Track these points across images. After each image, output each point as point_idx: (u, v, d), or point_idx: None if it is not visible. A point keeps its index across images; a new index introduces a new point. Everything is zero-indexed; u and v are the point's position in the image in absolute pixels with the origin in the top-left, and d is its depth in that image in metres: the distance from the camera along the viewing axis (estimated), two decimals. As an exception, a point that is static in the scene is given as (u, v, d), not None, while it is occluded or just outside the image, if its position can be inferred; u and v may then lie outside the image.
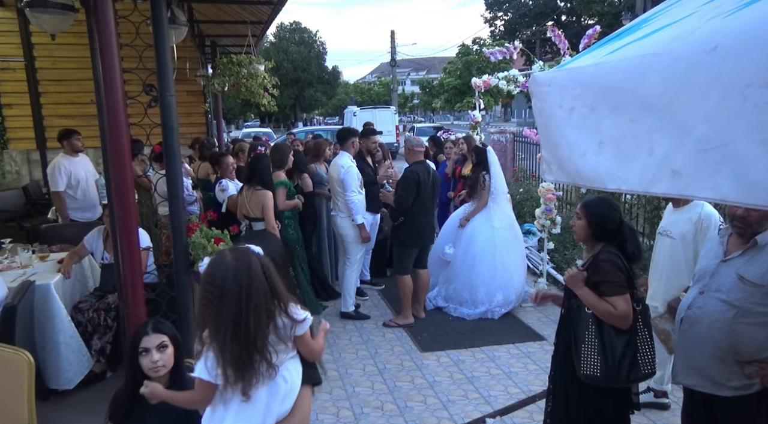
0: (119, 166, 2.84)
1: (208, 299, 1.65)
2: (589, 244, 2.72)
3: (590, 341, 2.51)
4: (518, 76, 6.10)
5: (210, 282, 1.66)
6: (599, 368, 2.48)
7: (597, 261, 2.58)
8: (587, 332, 2.53)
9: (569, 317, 2.66)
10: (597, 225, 2.63)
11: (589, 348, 2.51)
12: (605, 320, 2.52)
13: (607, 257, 2.57)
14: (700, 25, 1.32)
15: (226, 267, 1.62)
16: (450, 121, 45.93)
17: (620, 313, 2.49)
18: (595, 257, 2.62)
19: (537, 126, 2.04)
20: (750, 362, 2.30)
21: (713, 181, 1.22)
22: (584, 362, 2.50)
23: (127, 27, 3.19)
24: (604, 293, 2.53)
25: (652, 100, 1.38)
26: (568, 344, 2.64)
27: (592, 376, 2.50)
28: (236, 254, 1.71)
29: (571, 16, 41.67)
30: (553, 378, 2.86)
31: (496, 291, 5.53)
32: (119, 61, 2.78)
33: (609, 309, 2.50)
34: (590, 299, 2.54)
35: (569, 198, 7.95)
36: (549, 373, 2.94)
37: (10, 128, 8.53)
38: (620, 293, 2.51)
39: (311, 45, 44.02)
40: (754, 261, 2.30)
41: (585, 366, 2.50)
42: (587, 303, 2.55)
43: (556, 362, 2.81)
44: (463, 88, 32.72)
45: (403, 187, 5.15)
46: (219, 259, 1.66)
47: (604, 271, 2.54)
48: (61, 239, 5.07)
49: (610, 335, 2.51)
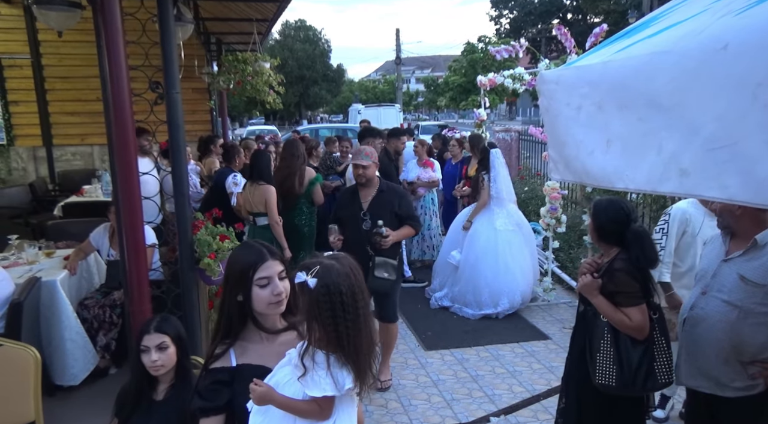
0: (125, 163, 2.84)
1: (334, 309, 1.56)
2: (602, 247, 2.65)
3: (605, 350, 2.46)
4: (524, 75, 6.07)
5: (334, 292, 1.57)
6: (614, 377, 2.43)
7: (612, 270, 2.50)
8: (603, 341, 2.47)
9: (585, 323, 2.61)
10: (599, 227, 2.59)
11: (605, 357, 2.45)
12: (621, 330, 2.46)
13: (621, 265, 2.49)
14: (710, 23, 1.31)
15: (339, 273, 1.58)
16: (455, 119, 45.83)
17: (635, 324, 2.43)
18: (610, 264, 2.54)
19: (544, 124, 2.03)
20: (753, 363, 2.29)
21: (721, 180, 1.21)
22: (599, 371, 2.46)
23: (133, 24, 3.19)
24: (619, 304, 2.46)
25: (661, 99, 1.37)
26: (583, 350, 2.60)
27: (607, 385, 2.45)
28: (337, 259, 1.65)
29: (577, 14, 41.50)
30: (566, 379, 2.82)
31: (501, 294, 5.48)
32: (125, 59, 2.78)
33: (624, 320, 2.44)
34: (605, 308, 2.48)
35: (574, 197, 7.91)
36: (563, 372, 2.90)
37: (16, 125, 8.57)
38: (635, 304, 2.44)
39: (316, 43, 44.04)
40: (754, 261, 2.29)
41: (600, 375, 2.45)
42: (602, 312, 2.50)
43: (570, 366, 2.77)
44: (468, 86, 32.66)
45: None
46: (329, 268, 1.58)
47: (619, 281, 2.47)
48: (67, 235, 5.09)
49: (626, 344, 2.45)
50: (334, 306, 1.55)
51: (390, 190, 4.03)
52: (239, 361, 1.73)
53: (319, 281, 1.55)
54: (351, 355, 1.58)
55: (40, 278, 3.83)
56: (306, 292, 1.58)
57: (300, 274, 1.59)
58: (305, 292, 1.58)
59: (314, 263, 1.59)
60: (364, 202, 3.96)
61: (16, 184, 8.24)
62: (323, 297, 1.55)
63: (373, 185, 4.00)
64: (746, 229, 2.33)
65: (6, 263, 4.22)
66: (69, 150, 8.86)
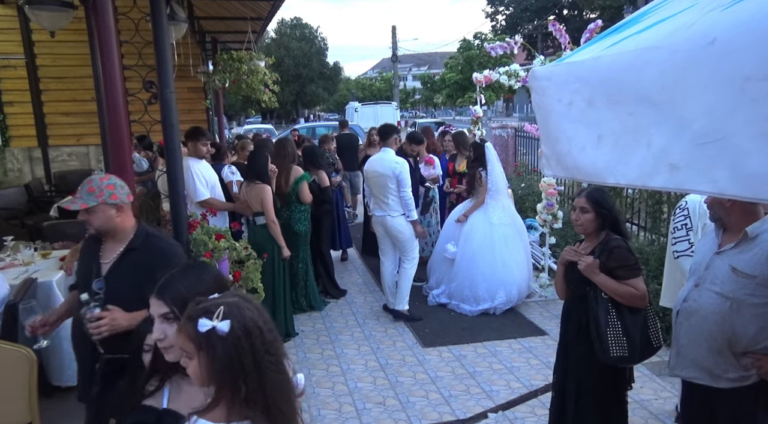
0: (120, 163, 2.84)
1: (256, 353, 1.24)
2: (594, 234, 2.79)
3: (614, 324, 2.61)
4: (519, 71, 6.08)
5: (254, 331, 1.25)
6: (626, 348, 2.58)
7: (610, 248, 2.67)
8: (609, 316, 2.62)
9: (586, 304, 2.71)
10: (606, 215, 2.72)
11: (615, 331, 2.60)
12: (626, 303, 2.62)
13: (618, 243, 2.68)
14: (698, 18, 1.32)
15: (249, 308, 1.28)
16: (452, 116, 45.82)
17: (642, 293, 2.62)
18: (604, 244, 2.70)
19: (537, 121, 2.03)
20: (745, 354, 2.31)
21: (711, 174, 1.22)
22: (612, 345, 2.59)
23: (126, 24, 3.19)
24: (622, 277, 2.63)
25: (651, 94, 1.38)
26: (578, 332, 2.73)
27: (622, 357, 2.59)
28: (236, 295, 1.36)
29: (573, 10, 41.47)
30: (559, 369, 2.93)
31: (498, 288, 5.51)
32: (119, 58, 2.78)
33: (631, 291, 2.61)
34: (610, 284, 2.63)
35: (570, 193, 7.93)
36: (554, 365, 3.00)
37: (11, 126, 8.55)
38: (638, 275, 2.65)
39: (312, 41, 44.01)
40: (745, 252, 2.32)
41: (614, 348, 2.58)
42: (606, 288, 2.63)
43: (566, 351, 2.88)
44: (465, 83, 32.66)
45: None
46: (237, 306, 1.27)
47: (621, 256, 2.64)
48: (63, 236, 5.08)
49: (628, 316, 2.63)
50: (255, 350, 1.23)
51: (150, 249, 2.41)
52: (171, 404, 1.49)
53: (233, 321, 1.22)
54: (275, 410, 1.23)
55: (36, 279, 3.82)
56: (216, 343, 1.22)
57: (203, 321, 1.22)
58: (213, 344, 1.22)
59: (214, 304, 1.25)
60: (104, 263, 2.42)
61: (11, 185, 8.22)
62: (244, 341, 1.22)
63: (121, 237, 2.44)
64: (737, 221, 2.36)
65: (1, 264, 4.22)
66: (65, 150, 8.85)
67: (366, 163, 5.54)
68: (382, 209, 5.28)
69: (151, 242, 2.42)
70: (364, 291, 6.32)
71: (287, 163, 5.35)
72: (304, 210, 5.43)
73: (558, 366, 2.96)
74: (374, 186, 5.31)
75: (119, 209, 2.37)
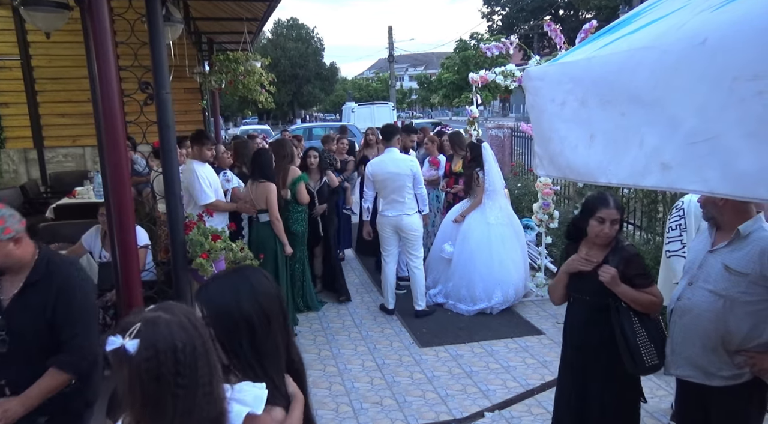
0: (116, 165, 2.84)
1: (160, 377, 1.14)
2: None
3: (641, 333, 2.57)
4: (515, 71, 6.10)
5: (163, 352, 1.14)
6: (656, 355, 2.56)
7: (627, 256, 2.60)
8: (635, 326, 2.57)
9: (607, 315, 2.61)
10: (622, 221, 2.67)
11: (643, 340, 2.56)
12: (647, 311, 2.58)
13: (633, 250, 2.63)
14: (689, 19, 1.33)
15: (169, 325, 1.17)
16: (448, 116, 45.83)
17: (661, 299, 2.60)
18: (617, 252, 2.62)
19: (530, 121, 2.05)
20: (739, 352, 2.33)
21: (702, 173, 1.23)
22: (645, 354, 2.55)
23: (122, 25, 3.20)
24: (640, 286, 2.58)
25: (643, 94, 1.39)
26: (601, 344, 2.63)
27: (656, 365, 2.57)
28: (165, 309, 1.24)
29: (569, 10, 41.56)
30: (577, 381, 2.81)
31: (495, 288, 5.52)
32: (115, 59, 2.78)
33: (651, 299, 2.58)
34: (632, 294, 2.57)
35: (567, 192, 7.95)
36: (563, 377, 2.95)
37: (7, 127, 8.53)
38: (653, 282, 2.63)
39: (309, 41, 43.95)
40: (738, 251, 2.34)
41: (648, 357, 2.54)
42: (629, 298, 2.57)
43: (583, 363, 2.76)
44: (461, 83, 32.64)
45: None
46: (154, 322, 1.17)
47: (638, 264, 2.61)
48: (59, 237, 5.07)
49: (648, 322, 2.60)
50: (162, 373, 1.13)
51: (50, 284, 2.21)
52: None
53: (141, 342, 1.12)
54: None
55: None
56: (123, 363, 1.13)
57: (113, 339, 1.13)
58: (120, 363, 1.13)
59: (133, 321, 1.16)
60: (3, 300, 2.21)
61: (7, 187, 8.20)
62: (150, 363, 1.12)
63: (21, 269, 2.22)
64: (730, 220, 2.37)
65: None
66: (60, 152, 8.83)
67: (371, 165, 5.47)
68: (397, 209, 5.27)
69: (51, 274, 2.23)
70: (360, 291, 6.32)
71: (285, 164, 5.36)
72: (302, 211, 5.44)
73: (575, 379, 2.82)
74: (388, 187, 5.27)
75: (16, 242, 2.18)
